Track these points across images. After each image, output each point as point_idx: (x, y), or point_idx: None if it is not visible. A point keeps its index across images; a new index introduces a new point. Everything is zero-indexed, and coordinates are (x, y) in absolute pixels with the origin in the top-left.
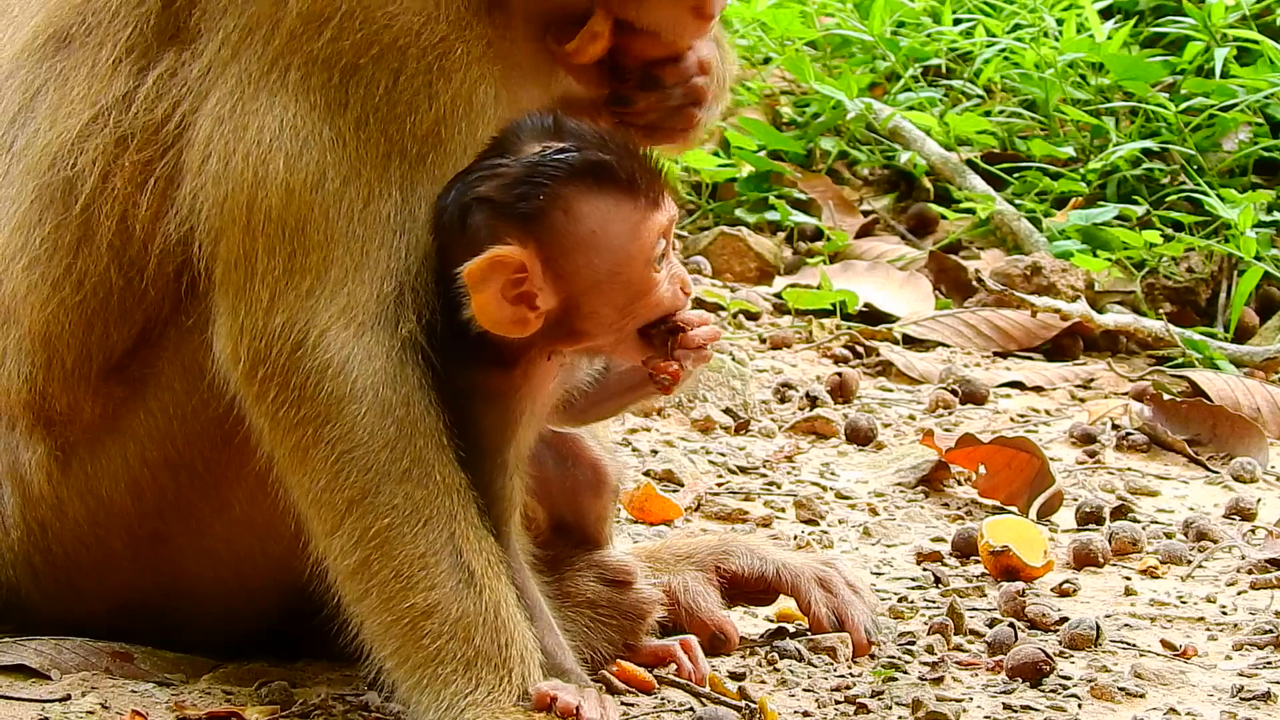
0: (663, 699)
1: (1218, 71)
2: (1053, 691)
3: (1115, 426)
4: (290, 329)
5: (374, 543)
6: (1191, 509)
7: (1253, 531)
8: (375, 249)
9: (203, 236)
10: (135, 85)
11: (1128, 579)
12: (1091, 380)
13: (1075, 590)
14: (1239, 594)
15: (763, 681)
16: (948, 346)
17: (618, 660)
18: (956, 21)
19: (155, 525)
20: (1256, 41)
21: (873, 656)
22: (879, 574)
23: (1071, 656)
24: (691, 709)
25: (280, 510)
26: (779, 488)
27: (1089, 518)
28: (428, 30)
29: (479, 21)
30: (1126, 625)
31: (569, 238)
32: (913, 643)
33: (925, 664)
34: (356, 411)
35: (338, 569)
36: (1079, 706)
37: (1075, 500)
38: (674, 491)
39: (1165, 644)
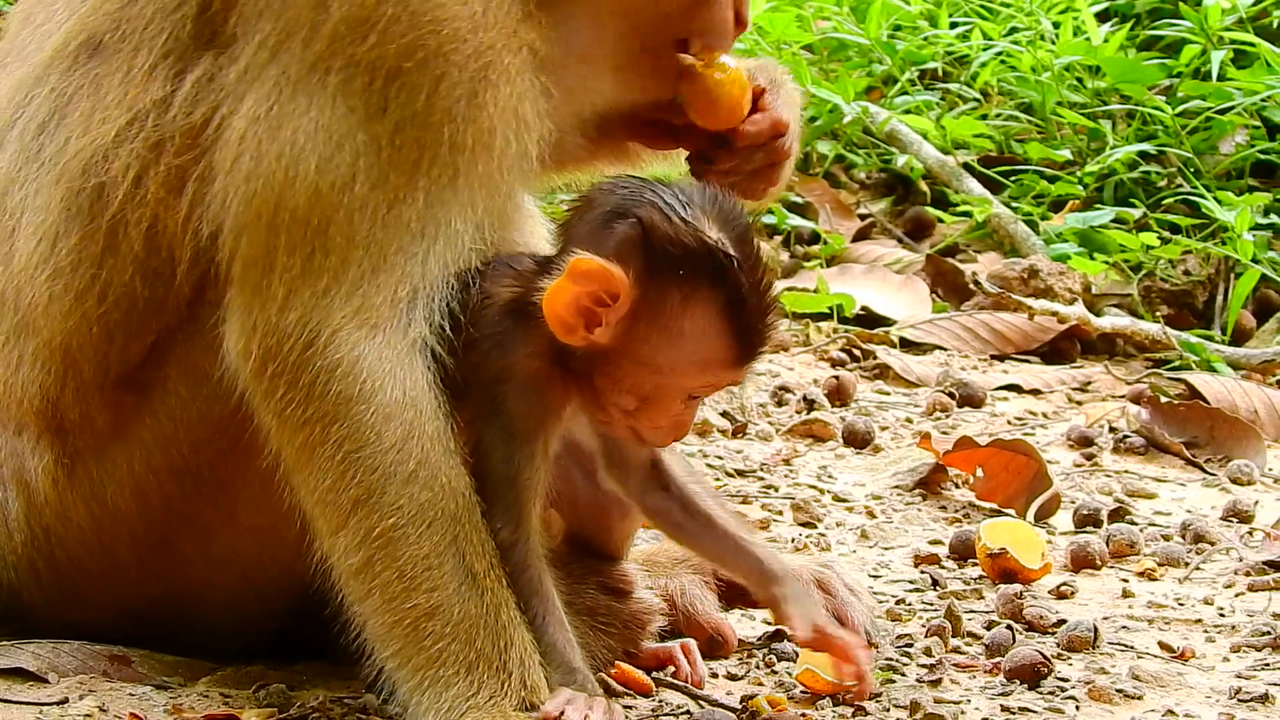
0: (660, 701)
1: (1214, 74)
2: (1050, 693)
3: (1113, 429)
4: (303, 327)
5: (378, 543)
6: (1189, 511)
7: (1250, 534)
8: (393, 253)
9: (228, 234)
10: (173, 89)
11: (1125, 581)
12: (1089, 383)
13: (1073, 592)
14: (1236, 596)
15: (760, 684)
16: (945, 350)
17: (616, 663)
18: (953, 25)
19: (161, 532)
20: (1253, 44)
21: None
22: (876, 577)
23: (1069, 658)
24: (689, 711)
25: (286, 514)
26: (776, 491)
27: (1086, 520)
28: (474, 37)
29: (526, 28)
30: (1124, 627)
31: (665, 321)
32: (910, 645)
33: (923, 666)
34: (364, 412)
35: (341, 568)
36: (1077, 708)
37: (1073, 503)
38: None
39: (1163, 646)
